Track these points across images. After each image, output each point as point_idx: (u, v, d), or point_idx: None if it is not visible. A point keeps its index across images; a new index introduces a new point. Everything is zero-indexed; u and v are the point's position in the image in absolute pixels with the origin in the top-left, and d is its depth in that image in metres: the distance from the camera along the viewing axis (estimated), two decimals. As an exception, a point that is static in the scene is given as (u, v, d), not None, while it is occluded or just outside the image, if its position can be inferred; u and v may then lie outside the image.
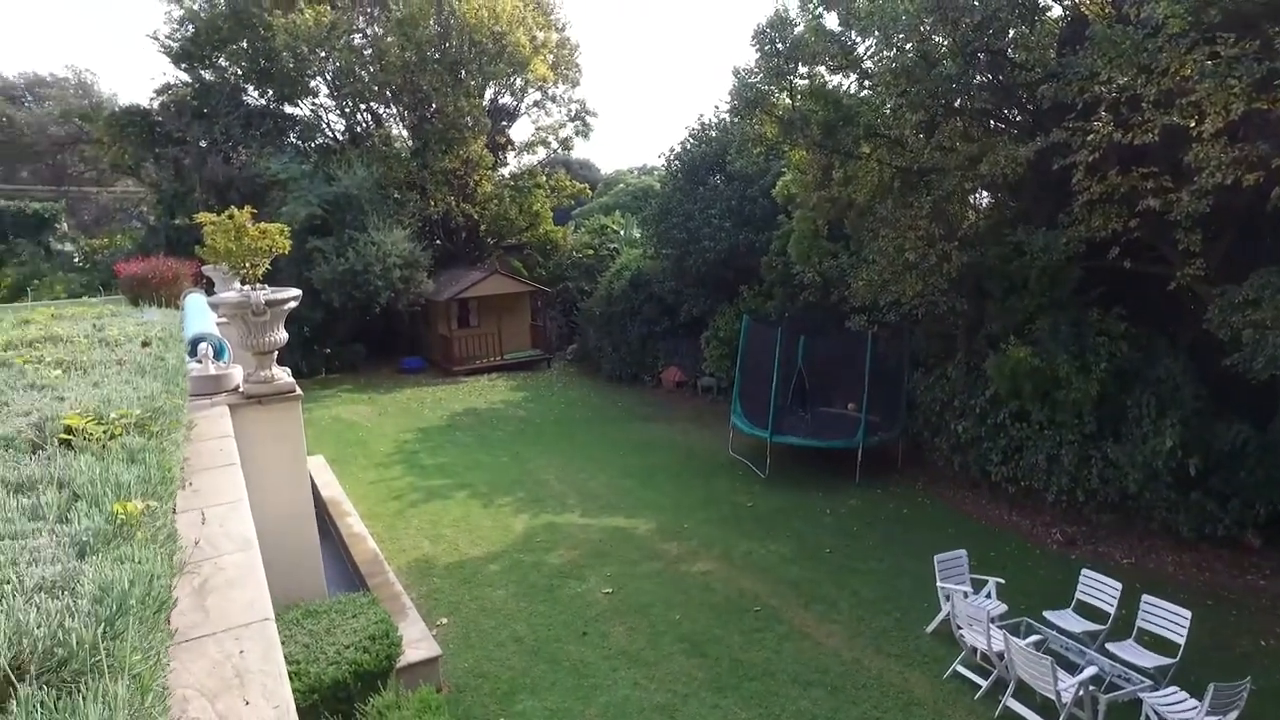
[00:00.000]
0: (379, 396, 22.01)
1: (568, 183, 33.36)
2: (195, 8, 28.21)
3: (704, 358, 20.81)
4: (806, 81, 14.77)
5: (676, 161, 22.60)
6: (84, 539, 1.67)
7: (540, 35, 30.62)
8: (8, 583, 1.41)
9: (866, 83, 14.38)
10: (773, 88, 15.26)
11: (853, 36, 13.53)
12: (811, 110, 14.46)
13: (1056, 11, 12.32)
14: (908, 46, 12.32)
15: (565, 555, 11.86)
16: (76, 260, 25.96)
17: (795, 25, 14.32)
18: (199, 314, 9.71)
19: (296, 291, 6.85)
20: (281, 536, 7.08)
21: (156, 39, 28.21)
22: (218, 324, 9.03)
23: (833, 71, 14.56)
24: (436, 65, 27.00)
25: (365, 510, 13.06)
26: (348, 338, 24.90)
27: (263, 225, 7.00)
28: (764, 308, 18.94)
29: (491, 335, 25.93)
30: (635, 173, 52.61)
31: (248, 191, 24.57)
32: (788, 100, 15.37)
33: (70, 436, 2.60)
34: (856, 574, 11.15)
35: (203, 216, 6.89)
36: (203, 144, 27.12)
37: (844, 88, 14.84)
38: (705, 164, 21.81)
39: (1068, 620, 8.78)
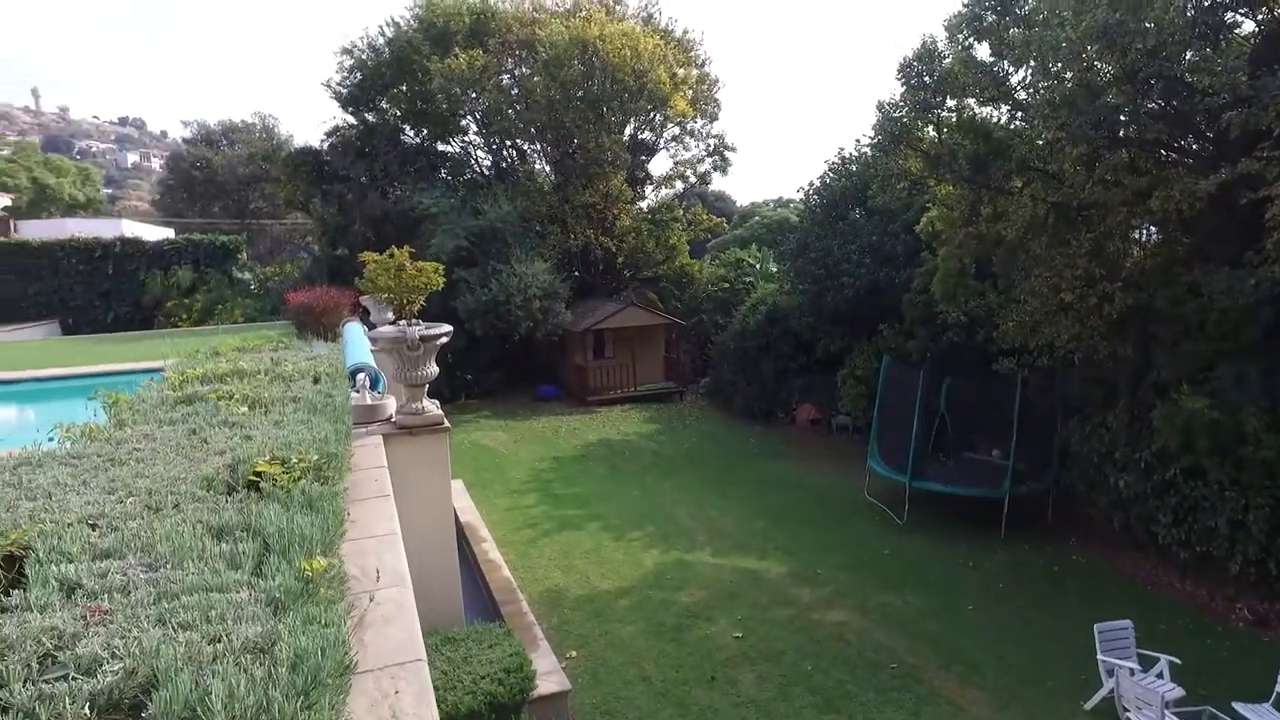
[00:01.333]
0: (515, 424, 22.73)
1: (704, 216, 33.59)
2: (364, 57, 30.60)
3: (839, 396, 20.29)
4: (955, 114, 14.29)
5: (815, 196, 22.32)
6: (276, 595, 1.77)
7: (680, 72, 31.14)
8: (220, 640, 1.51)
9: (1020, 115, 13.74)
10: (918, 121, 14.85)
11: (1005, 67, 12.99)
12: (960, 144, 13.94)
13: (1248, 28, 11.33)
14: (1068, 75, 11.68)
15: (695, 594, 11.76)
16: (252, 287, 28.42)
17: (943, 57, 13.90)
18: (357, 344, 10.38)
19: (448, 328, 7.18)
20: (425, 562, 7.36)
21: (329, 86, 30.82)
22: (373, 353, 9.62)
23: (983, 103, 14.02)
24: (579, 103, 27.92)
25: (500, 537, 13.44)
26: (487, 365, 25.90)
27: (420, 264, 7.40)
28: (904, 347, 18.28)
29: (626, 367, 26.31)
30: (771, 205, 52.40)
31: (401, 225, 26.17)
32: (934, 134, 14.91)
33: (258, 479, 2.80)
34: (1003, 636, 10.45)
35: (367, 256, 7.36)
36: (364, 181, 29.17)
37: (995, 120, 14.25)
38: (845, 198, 21.42)
39: (1266, 717, 7.80)
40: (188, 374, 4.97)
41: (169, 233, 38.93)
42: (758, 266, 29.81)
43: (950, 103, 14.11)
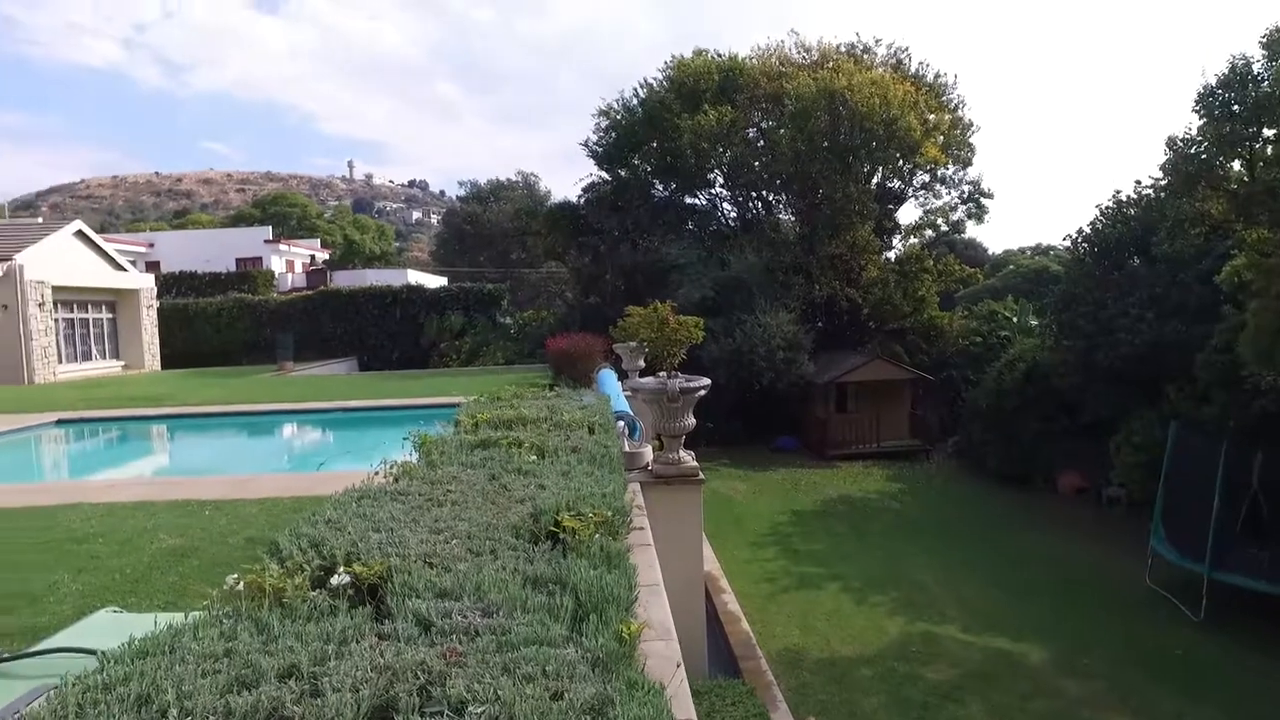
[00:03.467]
0: (754, 474, 22.62)
1: (955, 266, 31.82)
2: (618, 118, 32.72)
3: (1112, 465, 18.10)
4: (1275, 144, 12.45)
5: (1085, 244, 20.37)
6: (599, 656, 1.84)
7: (932, 117, 30.05)
8: (561, 698, 1.59)
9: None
10: (1221, 156, 13.12)
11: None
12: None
13: None
14: None
15: (943, 673, 10.89)
16: (512, 331, 30.98)
17: (1260, 80, 12.20)
18: (613, 391, 10.89)
19: (707, 381, 7.33)
20: (676, 612, 7.46)
21: (587, 145, 33.24)
22: (628, 399, 10.04)
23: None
24: (826, 153, 27.79)
25: (739, 589, 13.32)
26: (728, 413, 26.11)
27: (681, 318, 7.66)
28: (1199, 413, 15.95)
29: (869, 421, 25.37)
30: (1028, 253, 48.62)
31: (650, 275, 27.38)
32: (1244, 170, 13.07)
33: (557, 529, 2.97)
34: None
35: (633, 310, 7.74)
36: (615, 233, 30.96)
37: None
38: (1121, 246, 19.35)
39: None
40: (479, 418, 5.47)
41: (443, 281, 43.76)
42: (1014, 319, 27.66)
43: (1268, 132, 12.33)
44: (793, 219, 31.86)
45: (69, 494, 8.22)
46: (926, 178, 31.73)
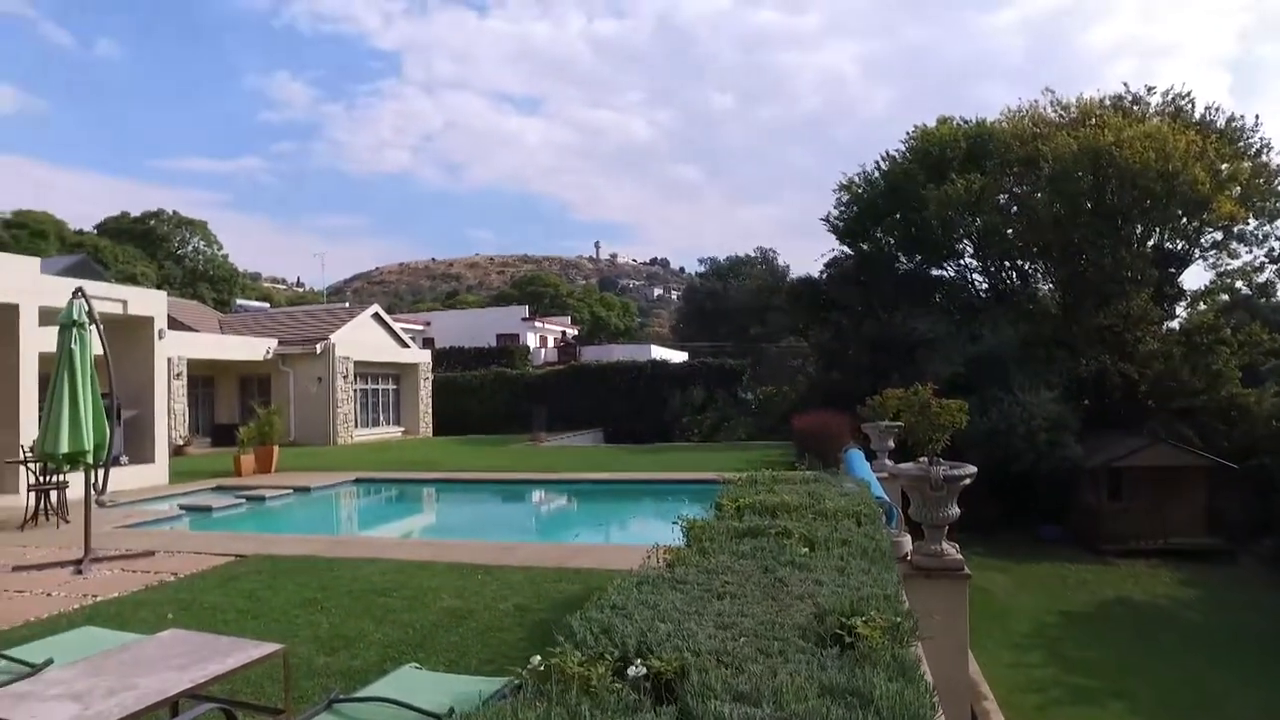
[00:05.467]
0: (1014, 566, 20.61)
1: (1263, 335, 27.42)
2: (859, 191, 32.41)
3: None
4: None
5: None
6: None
7: (1225, 168, 26.64)
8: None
9: None
10: None
11: None
12: None
13: None
14: None
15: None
16: (753, 406, 31.10)
17: None
18: (866, 475, 10.51)
19: (973, 470, 6.87)
20: (939, 719, 6.90)
21: (827, 220, 33.16)
22: (882, 483, 9.63)
23: None
24: (1090, 216, 25.56)
25: (1001, 696, 12.06)
26: (981, 497, 24.14)
27: (943, 401, 7.30)
28: None
29: (1151, 513, 22.27)
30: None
31: (896, 350, 26.38)
32: None
33: (842, 633, 2.89)
34: None
35: (890, 392, 7.50)
36: (859, 307, 30.32)
37: None
38: None
39: None
40: (740, 502, 5.51)
41: (684, 356, 45.10)
42: (1349, 398, 23.26)
43: None
44: (1052, 288, 29.45)
45: (368, 548, 9.33)
46: (1219, 235, 28.05)
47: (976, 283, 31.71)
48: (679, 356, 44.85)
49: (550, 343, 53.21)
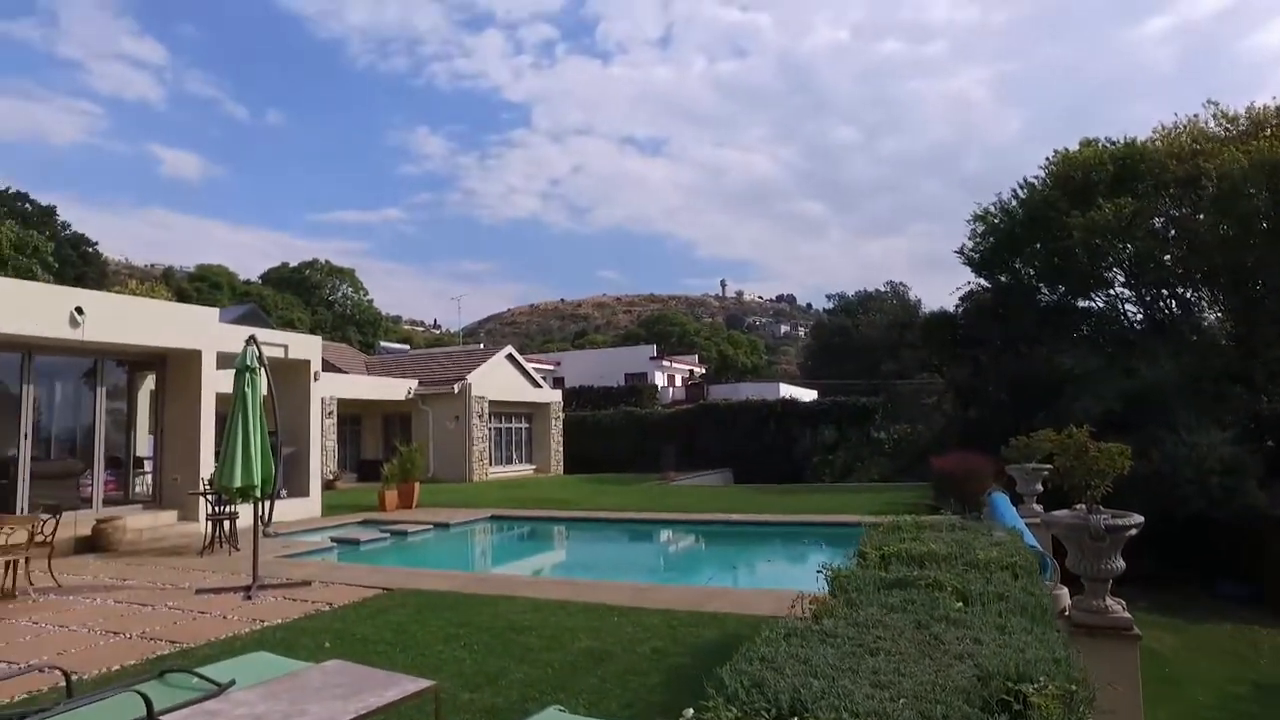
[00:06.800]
0: (1185, 625, 18.69)
1: None
2: (995, 221, 31.00)
3: None
4: None
5: None
6: None
7: None
8: None
9: None
10: None
11: None
12: None
13: None
14: None
15: None
16: (886, 446, 30.01)
17: None
18: (1015, 521, 9.90)
19: (1139, 519, 6.34)
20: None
21: (962, 253, 31.86)
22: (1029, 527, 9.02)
23: None
24: (1267, 237, 23.37)
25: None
26: (1139, 546, 22.18)
27: (1102, 445, 6.80)
28: None
29: (1356, 569, 19.79)
30: None
31: (1039, 387, 24.84)
32: None
33: (1010, 699, 2.71)
34: None
35: (1045, 434, 7.06)
36: (998, 342, 28.84)
37: None
38: None
39: None
40: (885, 550, 5.29)
41: (814, 394, 44.20)
42: None
43: None
44: (1220, 317, 27.02)
45: (505, 586, 9.56)
46: None
47: (1129, 313, 29.52)
48: (808, 394, 43.99)
49: (678, 381, 53.46)
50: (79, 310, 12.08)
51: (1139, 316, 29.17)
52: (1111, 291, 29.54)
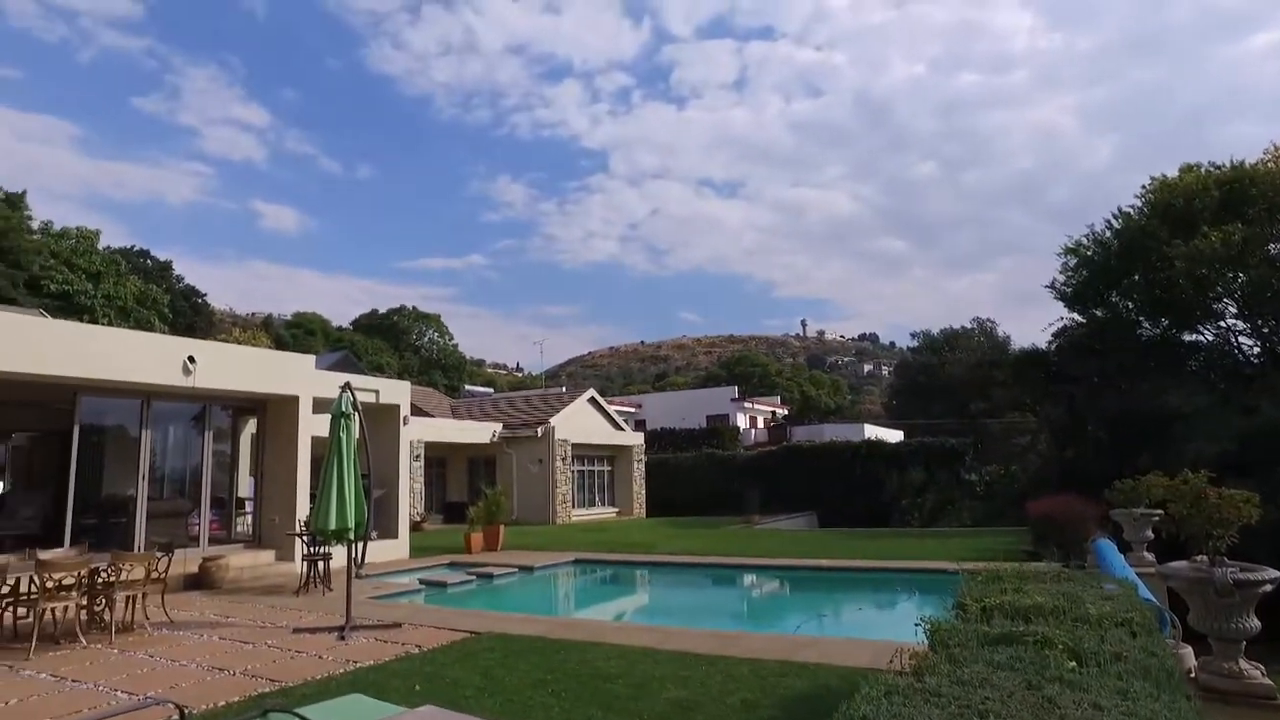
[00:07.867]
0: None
1: None
2: (1089, 254, 29.77)
3: None
4: None
5: None
6: None
7: None
8: None
9: None
10: None
11: None
12: None
13: None
14: None
15: None
16: (978, 489, 28.83)
17: None
18: (1124, 571, 9.32)
19: (1275, 574, 5.88)
20: None
21: (1054, 287, 30.67)
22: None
23: None
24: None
25: None
26: (1273, 601, 20.58)
27: (1224, 491, 6.36)
28: None
29: None
30: None
31: (1142, 426, 23.55)
32: None
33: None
34: None
35: (1155, 478, 6.66)
36: (1095, 379, 27.53)
37: None
38: None
39: None
40: (986, 603, 5.04)
41: (900, 435, 42.96)
42: None
43: None
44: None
45: (591, 632, 9.50)
46: None
47: (1244, 346, 27.75)
48: (894, 435, 42.78)
49: (760, 423, 52.82)
50: (191, 359, 12.82)
51: (1255, 350, 27.39)
52: (1223, 324, 27.88)
